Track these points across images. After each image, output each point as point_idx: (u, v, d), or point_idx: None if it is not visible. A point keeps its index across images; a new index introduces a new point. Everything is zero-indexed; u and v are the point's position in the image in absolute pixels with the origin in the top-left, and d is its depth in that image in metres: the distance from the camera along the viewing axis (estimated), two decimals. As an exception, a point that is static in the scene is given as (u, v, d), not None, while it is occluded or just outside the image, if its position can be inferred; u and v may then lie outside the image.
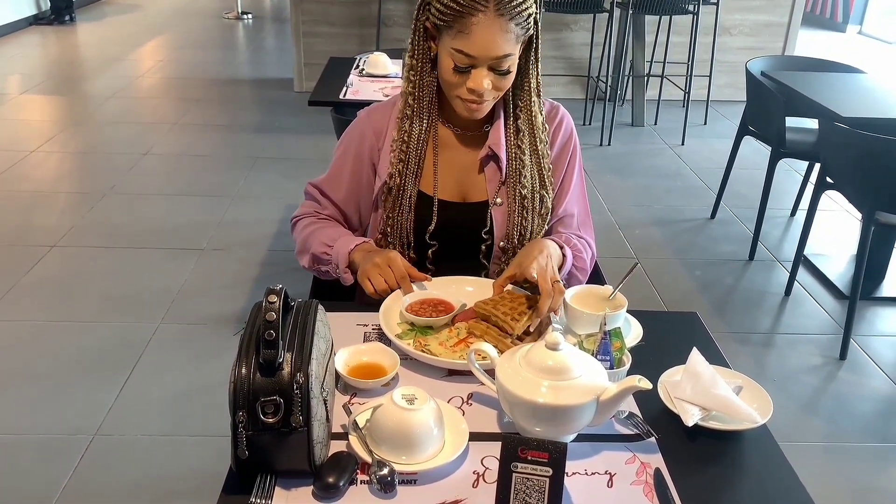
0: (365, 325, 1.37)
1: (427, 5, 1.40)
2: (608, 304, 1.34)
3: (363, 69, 3.39)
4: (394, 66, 3.37)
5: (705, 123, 5.53)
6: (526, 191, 1.52)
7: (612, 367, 1.19)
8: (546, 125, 1.54)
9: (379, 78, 3.30)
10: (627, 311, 1.34)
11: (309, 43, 5.81)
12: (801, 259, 3.21)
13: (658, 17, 5.43)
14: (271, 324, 0.96)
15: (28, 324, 2.87)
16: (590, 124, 5.36)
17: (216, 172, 4.41)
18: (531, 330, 1.31)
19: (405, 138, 1.50)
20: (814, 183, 3.17)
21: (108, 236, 3.58)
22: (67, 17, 8.24)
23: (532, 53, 1.44)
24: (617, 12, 5.05)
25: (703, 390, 1.17)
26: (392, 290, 1.40)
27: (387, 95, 3.04)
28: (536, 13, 1.39)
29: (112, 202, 3.95)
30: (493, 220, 1.54)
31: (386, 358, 1.22)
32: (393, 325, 1.34)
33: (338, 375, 1.19)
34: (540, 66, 1.48)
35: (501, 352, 1.23)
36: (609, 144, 5.05)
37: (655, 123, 5.53)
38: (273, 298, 0.97)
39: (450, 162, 1.54)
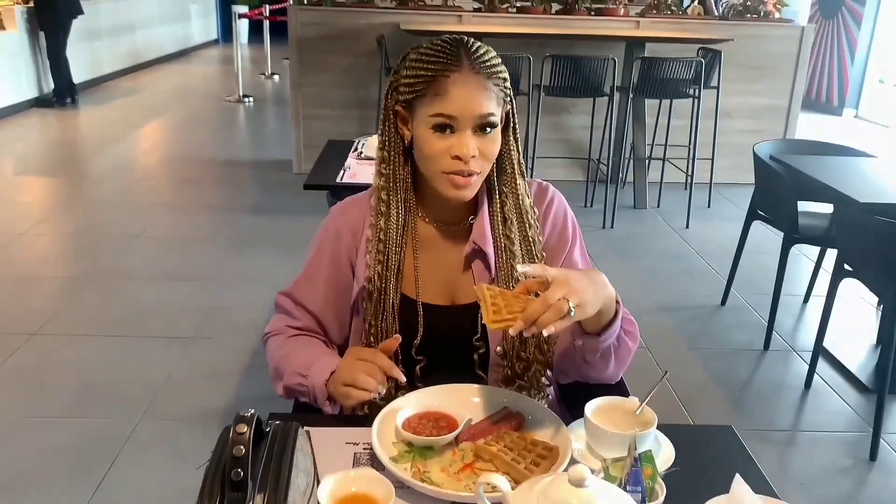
0: (355, 443, 1.20)
1: (394, 87, 1.32)
2: (635, 420, 1.18)
3: (361, 152, 3.30)
4: (393, 149, 3.27)
5: (709, 206, 5.44)
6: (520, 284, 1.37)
7: (644, 501, 1.02)
8: (535, 208, 1.41)
9: (377, 161, 3.20)
10: (656, 428, 1.17)
11: (308, 125, 5.78)
12: (820, 350, 3.04)
13: (658, 100, 5.42)
14: (239, 460, 0.80)
15: (-3, 420, 2.67)
16: (591, 206, 5.27)
17: (209, 255, 4.28)
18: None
19: (381, 237, 1.35)
20: (830, 270, 3.03)
21: (91, 323, 3.41)
22: (69, 100, 8.29)
23: (510, 133, 1.34)
24: (617, 96, 5.03)
25: (753, 529, 0.99)
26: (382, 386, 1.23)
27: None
28: (509, 89, 1.31)
29: (99, 286, 3.81)
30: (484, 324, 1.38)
31: (379, 488, 1.04)
32: (388, 445, 1.17)
33: (322, 510, 1.01)
34: (520, 146, 1.38)
35: (515, 480, 1.06)
36: (612, 227, 4.95)
37: (658, 206, 5.45)
38: (242, 428, 0.82)
39: (432, 261, 1.39)
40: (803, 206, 3.35)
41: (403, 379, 1.22)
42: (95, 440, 2.57)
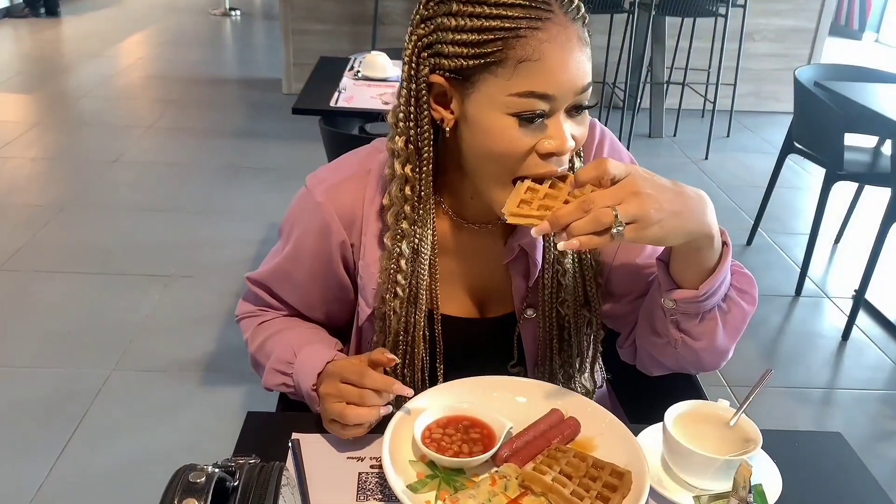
0: (360, 458, 0.92)
1: (428, 45, 0.88)
2: (730, 435, 0.89)
3: (358, 71, 2.93)
4: (394, 69, 2.91)
5: (728, 136, 5.09)
6: (568, 308, 1.04)
7: (759, 562, 0.74)
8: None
9: (377, 82, 2.84)
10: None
11: (299, 41, 5.35)
12: (862, 300, 2.77)
13: (680, 19, 4.99)
14: (186, 558, 0.50)
15: (-48, 370, 2.39)
16: (604, 135, 4.91)
17: (191, 184, 3.94)
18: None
19: (403, 266, 0.98)
20: (866, 209, 2.73)
21: (60, 259, 3.10)
22: (42, 10, 7.73)
23: None
24: (637, 13, 4.59)
25: None
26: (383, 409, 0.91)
27: (386, 103, 2.58)
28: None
29: (70, 217, 3.48)
30: (521, 340, 1.07)
31: (394, 535, 0.76)
32: (403, 465, 0.88)
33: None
34: None
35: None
36: (626, 158, 4.61)
37: (675, 135, 5.09)
38: (192, 506, 0.52)
39: (452, 265, 1.06)
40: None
41: (410, 392, 0.91)
42: (64, 393, 2.30)
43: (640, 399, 1.19)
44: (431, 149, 0.93)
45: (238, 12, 8.69)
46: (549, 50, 0.83)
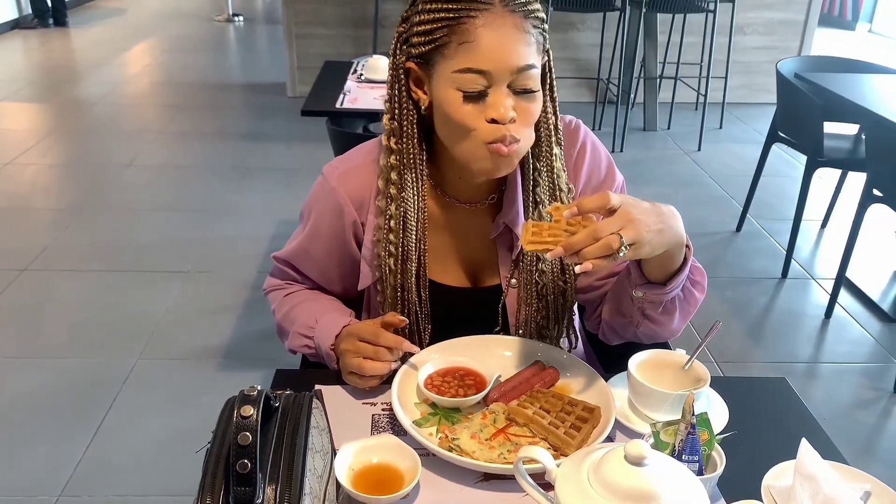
0: (373, 403, 1.08)
1: (404, 40, 1.08)
2: (684, 376, 1.06)
3: (361, 74, 3.10)
4: (395, 71, 3.07)
5: (721, 127, 5.24)
6: (546, 277, 1.19)
7: (701, 473, 0.90)
8: (570, 185, 1.19)
9: (379, 84, 3.00)
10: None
11: (302, 45, 5.52)
12: (843, 279, 2.93)
13: (671, 15, 5.14)
14: (245, 449, 0.67)
15: (-11, 361, 2.57)
16: (600, 129, 5.07)
17: (203, 184, 4.11)
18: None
19: (392, 226, 1.14)
20: (850, 194, 2.88)
21: (83, 258, 3.27)
22: (51, 21, 7.92)
23: (547, 90, 1.11)
24: (628, 10, 4.75)
25: (826, 502, 0.88)
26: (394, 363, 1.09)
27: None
28: (547, 33, 1.07)
29: (89, 219, 3.65)
30: (505, 308, 1.22)
31: (403, 458, 0.93)
32: (409, 406, 1.05)
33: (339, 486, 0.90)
34: (557, 106, 1.15)
35: (554, 447, 0.95)
36: (621, 151, 4.77)
37: (668, 128, 5.24)
38: (248, 411, 0.69)
39: (446, 241, 1.21)
40: (825, 127, 3.18)
41: (418, 350, 1.10)
42: (92, 381, 2.47)
43: (617, 360, 1.34)
44: (413, 124, 1.10)
45: (241, 18, 8.87)
46: (483, 33, 1.00)
